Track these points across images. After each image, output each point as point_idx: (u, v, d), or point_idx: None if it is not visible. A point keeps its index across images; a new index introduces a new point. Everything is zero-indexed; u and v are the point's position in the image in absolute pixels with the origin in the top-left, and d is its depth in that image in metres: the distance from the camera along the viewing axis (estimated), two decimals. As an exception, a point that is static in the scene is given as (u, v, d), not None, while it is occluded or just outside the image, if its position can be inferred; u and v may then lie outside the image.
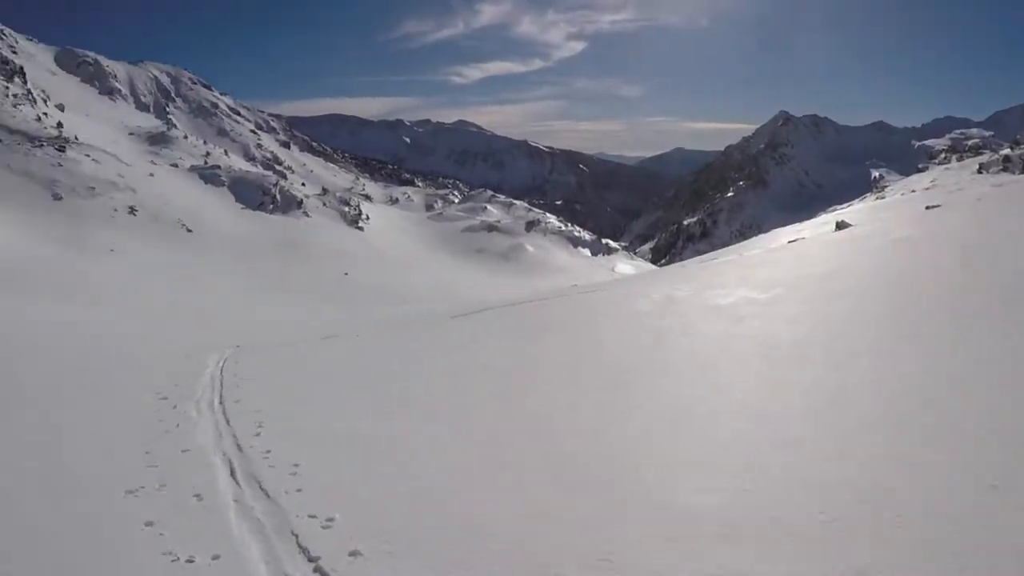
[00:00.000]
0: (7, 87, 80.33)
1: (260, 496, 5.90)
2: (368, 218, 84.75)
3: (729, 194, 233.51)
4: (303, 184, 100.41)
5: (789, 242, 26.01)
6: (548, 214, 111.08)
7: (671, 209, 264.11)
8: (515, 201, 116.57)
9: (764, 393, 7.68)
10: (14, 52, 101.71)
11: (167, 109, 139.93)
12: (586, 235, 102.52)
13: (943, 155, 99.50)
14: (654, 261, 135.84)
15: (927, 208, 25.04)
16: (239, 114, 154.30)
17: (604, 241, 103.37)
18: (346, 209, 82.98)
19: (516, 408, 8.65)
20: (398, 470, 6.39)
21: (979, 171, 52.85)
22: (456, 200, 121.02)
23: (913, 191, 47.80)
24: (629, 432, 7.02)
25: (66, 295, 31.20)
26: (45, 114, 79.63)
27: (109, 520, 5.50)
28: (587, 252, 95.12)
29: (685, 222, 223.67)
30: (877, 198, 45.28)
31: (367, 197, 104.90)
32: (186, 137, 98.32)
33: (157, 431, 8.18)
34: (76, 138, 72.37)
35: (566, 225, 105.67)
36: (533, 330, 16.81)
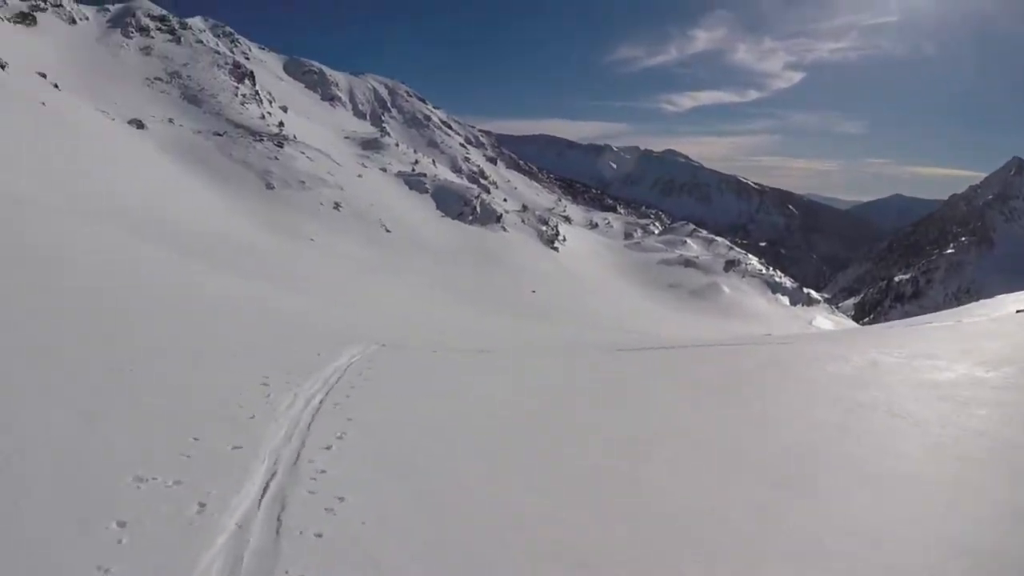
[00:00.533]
0: (237, 87, 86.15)
1: (268, 529, 4.64)
2: (564, 239, 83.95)
3: (948, 251, 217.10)
4: (505, 200, 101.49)
5: (1017, 311, 22.35)
6: (750, 255, 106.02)
7: (882, 262, 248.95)
8: (716, 238, 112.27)
9: (1002, 532, 4.94)
10: (247, 58, 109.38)
11: (382, 118, 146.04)
12: (787, 282, 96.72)
13: None
14: (857, 319, 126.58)
15: None
16: (450, 127, 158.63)
17: (805, 291, 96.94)
18: (544, 228, 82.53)
19: (641, 490, 6.38)
20: (454, 552, 4.78)
21: None
22: (656, 231, 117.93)
23: None
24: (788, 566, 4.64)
25: (257, 272, 31.61)
26: (269, 113, 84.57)
27: (84, 503, 4.51)
28: (786, 300, 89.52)
29: (896, 279, 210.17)
30: None
31: (567, 219, 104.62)
32: (397, 145, 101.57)
33: (224, 417, 6.84)
34: (294, 136, 76.03)
35: (767, 268, 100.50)
36: (702, 382, 13.51)
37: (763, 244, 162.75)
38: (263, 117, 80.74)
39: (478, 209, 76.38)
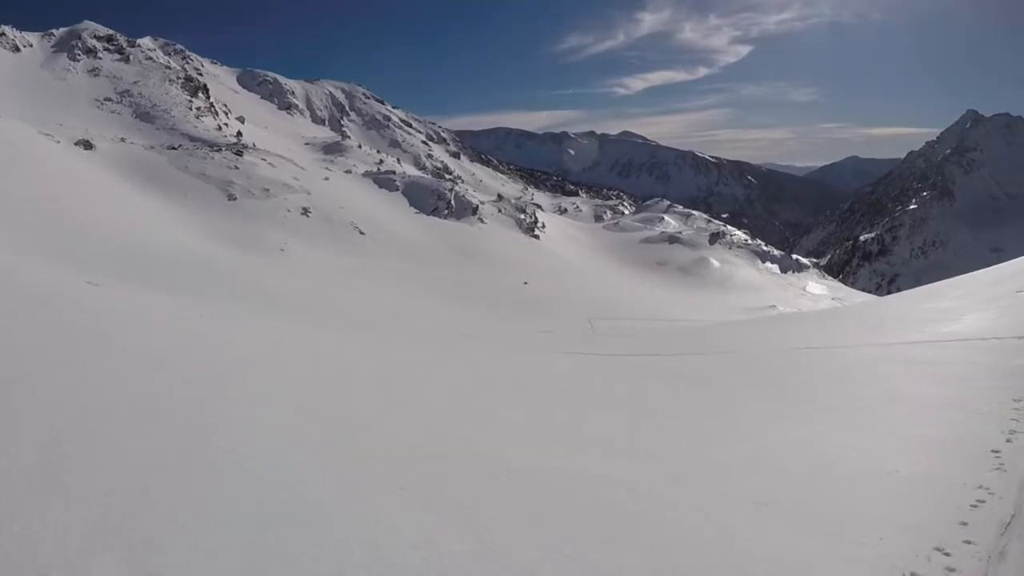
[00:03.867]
0: (191, 101, 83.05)
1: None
2: (544, 226, 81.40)
3: (911, 207, 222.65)
4: (474, 192, 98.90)
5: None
6: (730, 226, 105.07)
7: (845, 224, 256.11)
8: (692, 212, 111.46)
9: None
10: (199, 74, 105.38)
11: (341, 122, 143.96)
12: (775, 250, 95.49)
13: None
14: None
15: None
16: (410, 126, 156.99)
17: (794, 257, 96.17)
18: (522, 217, 79.75)
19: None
20: None
21: None
22: (625, 211, 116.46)
23: None
24: None
25: (222, 290, 28.72)
26: (226, 124, 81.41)
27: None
28: (776, 268, 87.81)
29: (861, 238, 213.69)
30: None
31: (538, 206, 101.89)
32: (360, 147, 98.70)
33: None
34: (254, 144, 72.65)
35: (752, 238, 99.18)
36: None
37: (725, 216, 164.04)
38: (220, 128, 77.74)
39: (453, 203, 73.31)
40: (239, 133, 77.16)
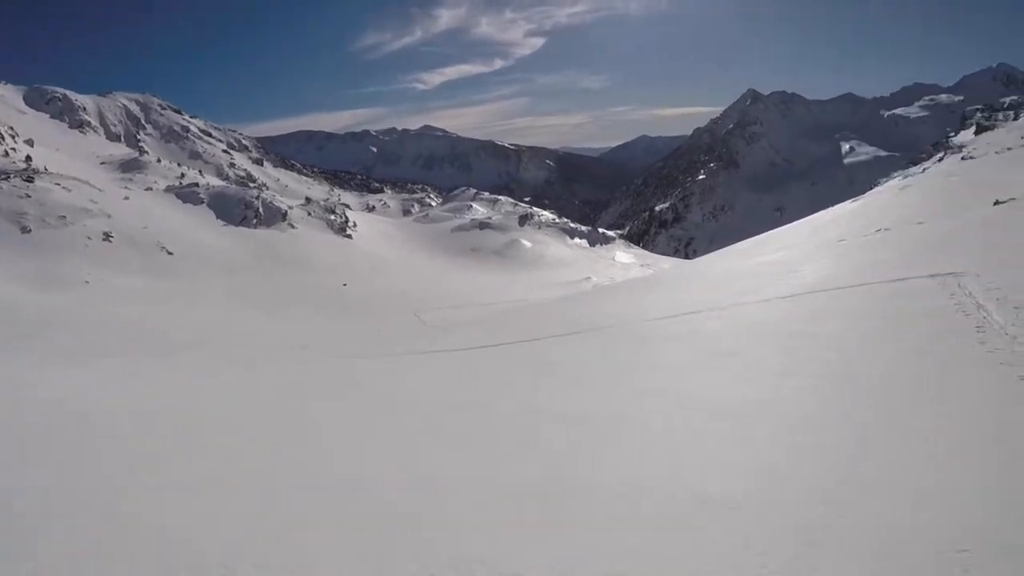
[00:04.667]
0: (-30, 127, 77.18)
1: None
2: (356, 225, 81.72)
3: (700, 177, 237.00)
4: (280, 198, 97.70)
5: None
6: (536, 208, 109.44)
7: (640, 196, 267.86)
8: (499, 197, 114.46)
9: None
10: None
11: (138, 136, 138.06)
12: (581, 226, 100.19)
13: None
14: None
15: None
16: (210, 135, 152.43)
17: (600, 230, 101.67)
18: (332, 217, 79.62)
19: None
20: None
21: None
22: (432, 203, 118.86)
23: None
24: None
25: (25, 337, 28.15)
26: (13, 149, 76.42)
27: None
28: (584, 243, 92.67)
29: (657, 208, 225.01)
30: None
31: (347, 206, 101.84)
32: (159, 161, 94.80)
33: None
34: (46, 169, 69.09)
35: (559, 217, 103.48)
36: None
37: (528, 199, 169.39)
38: (6, 154, 72.55)
39: (261, 210, 72.47)
40: (28, 157, 72.79)
